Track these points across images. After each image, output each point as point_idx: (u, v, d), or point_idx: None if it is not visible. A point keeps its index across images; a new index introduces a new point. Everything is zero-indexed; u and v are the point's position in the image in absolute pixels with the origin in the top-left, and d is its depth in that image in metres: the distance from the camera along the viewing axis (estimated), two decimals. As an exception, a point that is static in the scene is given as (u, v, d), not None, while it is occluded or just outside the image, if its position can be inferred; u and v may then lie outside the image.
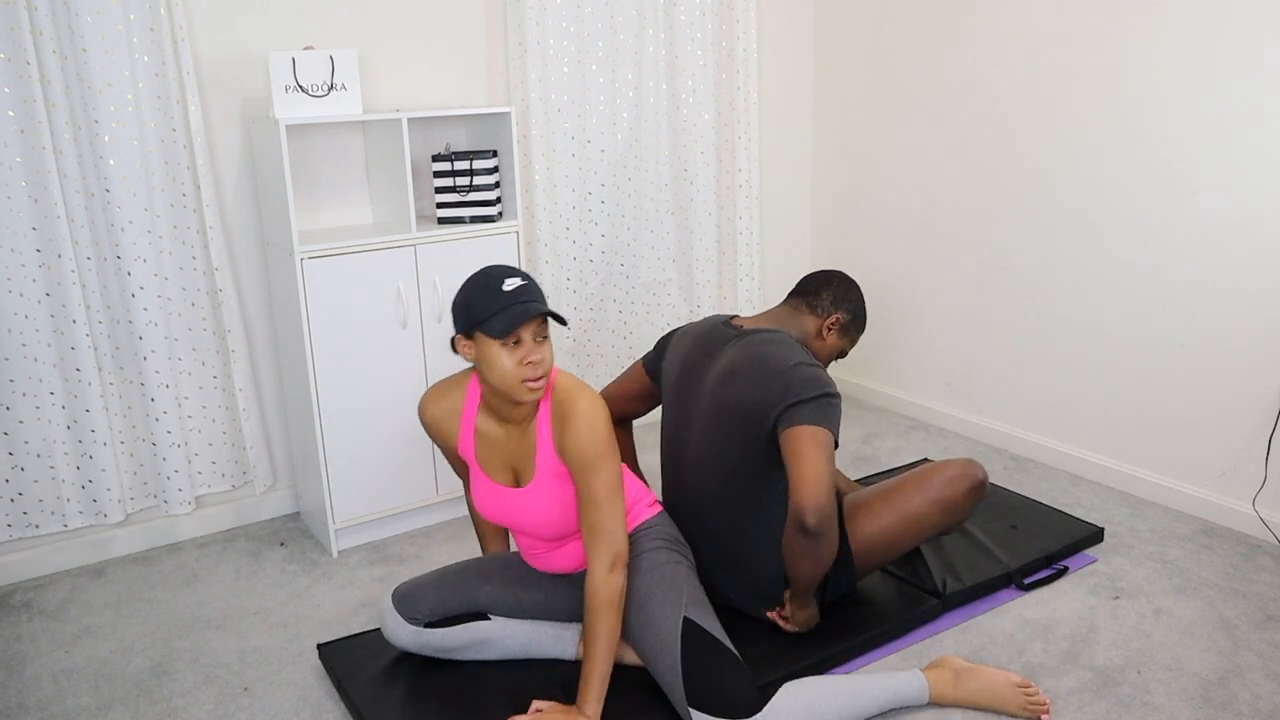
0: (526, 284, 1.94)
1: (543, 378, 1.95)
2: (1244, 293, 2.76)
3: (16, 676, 2.37)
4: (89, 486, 2.79)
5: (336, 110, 2.75)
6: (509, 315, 1.89)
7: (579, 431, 1.96)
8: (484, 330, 1.91)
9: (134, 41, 2.64)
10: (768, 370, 2.18)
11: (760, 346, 2.25)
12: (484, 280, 1.95)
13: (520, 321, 1.89)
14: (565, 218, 3.42)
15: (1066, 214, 3.18)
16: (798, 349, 2.25)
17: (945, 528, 2.41)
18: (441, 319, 2.94)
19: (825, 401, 2.13)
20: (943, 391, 3.74)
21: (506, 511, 2.13)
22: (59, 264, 2.62)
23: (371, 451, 2.91)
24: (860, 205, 3.92)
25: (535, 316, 1.91)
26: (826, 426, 2.10)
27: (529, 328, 1.92)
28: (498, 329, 1.89)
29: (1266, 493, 2.80)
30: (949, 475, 2.38)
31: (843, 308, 2.43)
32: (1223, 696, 2.14)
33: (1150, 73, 2.88)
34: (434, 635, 2.19)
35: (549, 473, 2.05)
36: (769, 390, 2.15)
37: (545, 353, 1.95)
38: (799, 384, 2.13)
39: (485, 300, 1.91)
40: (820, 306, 2.42)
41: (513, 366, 1.92)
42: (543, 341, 1.95)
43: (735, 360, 2.25)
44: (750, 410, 2.17)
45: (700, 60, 3.57)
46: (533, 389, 1.94)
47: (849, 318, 2.44)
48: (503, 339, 1.90)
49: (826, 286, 2.44)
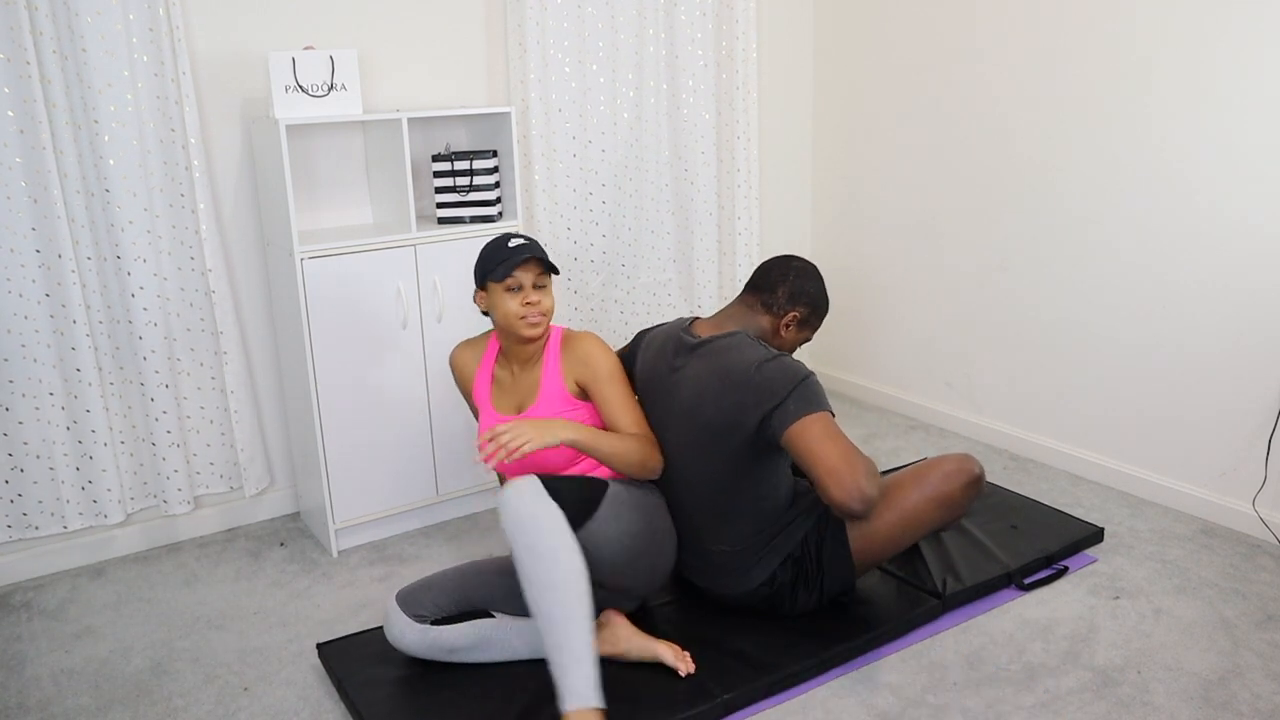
0: (528, 242, 2.27)
1: (542, 318, 2.25)
2: (1244, 293, 2.76)
3: (16, 676, 2.37)
4: (89, 487, 2.79)
5: (336, 110, 2.75)
6: (507, 264, 2.23)
7: (591, 352, 2.27)
8: (491, 278, 2.25)
9: (134, 42, 2.64)
10: (732, 380, 2.15)
11: (719, 357, 2.20)
12: (495, 242, 2.30)
13: (518, 263, 2.22)
14: (566, 218, 3.42)
15: (1066, 214, 3.18)
16: (756, 346, 2.20)
17: (943, 523, 2.41)
18: (441, 319, 2.94)
19: (803, 388, 2.10)
20: (943, 391, 3.74)
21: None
22: (59, 264, 2.62)
23: (371, 451, 2.91)
24: (860, 205, 3.92)
25: (530, 260, 2.23)
26: (818, 410, 2.08)
27: (529, 275, 2.24)
28: (500, 274, 2.23)
29: (1266, 493, 2.80)
30: (945, 471, 2.38)
31: (800, 303, 2.34)
32: (1223, 696, 2.14)
33: (1151, 72, 2.88)
34: (441, 633, 2.20)
35: (550, 397, 2.28)
36: (740, 401, 2.13)
37: (544, 297, 2.26)
38: (769, 384, 2.11)
39: (494, 255, 2.26)
40: (775, 305, 2.33)
41: (515, 306, 2.24)
42: (541, 289, 2.27)
43: (700, 377, 2.21)
44: (726, 426, 2.16)
45: (700, 60, 3.57)
46: (531, 324, 2.24)
47: (807, 311, 2.35)
48: (504, 283, 2.23)
49: (782, 281, 2.34)
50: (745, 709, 2.15)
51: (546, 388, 2.28)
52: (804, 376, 2.12)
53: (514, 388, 2.34)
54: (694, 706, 2.09)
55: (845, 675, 2.25)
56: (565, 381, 2.28)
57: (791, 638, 2.31)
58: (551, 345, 2.32)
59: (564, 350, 2.31)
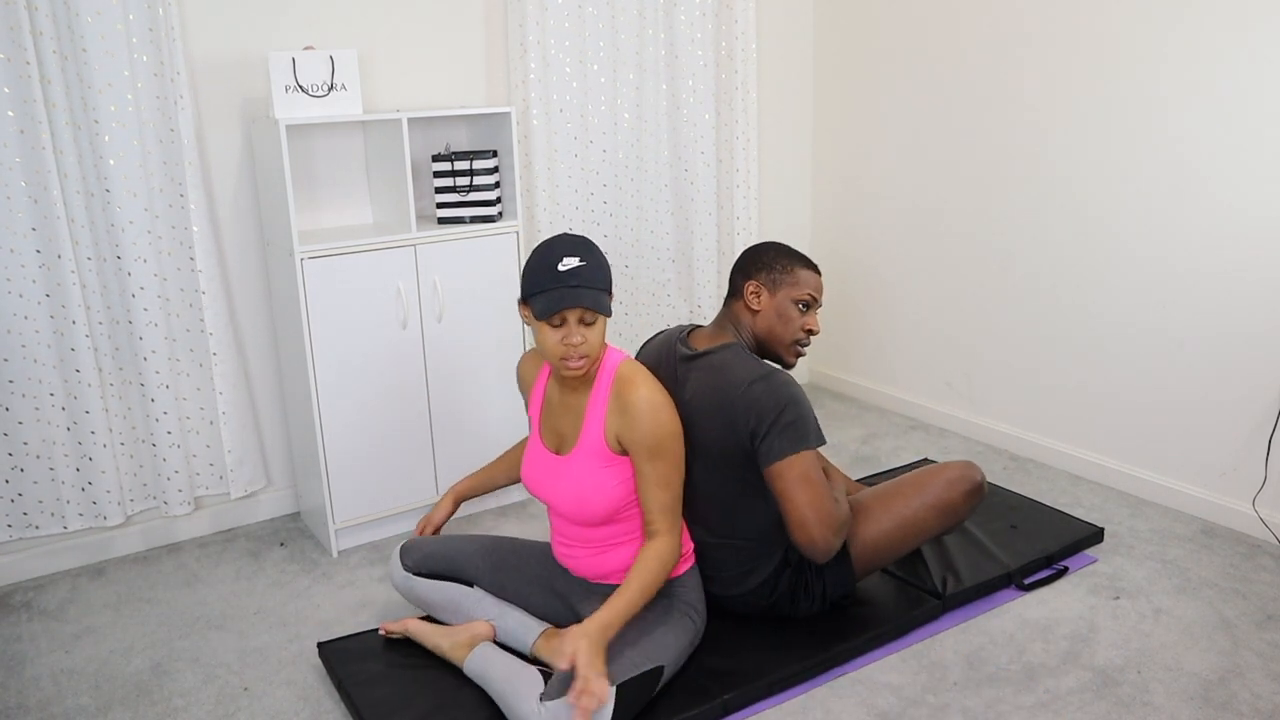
0: (583, 265, 1.96)
1: (583, 360, 1.99)
2: (1244, 292, 2.76)
3: (16, 676, 2.37)
4: (89, 488, 2.79)
5: (336, 110, 2.75)
6: (549, 299, 1.94)
7: (641, 418, 2.01)
8: (530, 306, 1.99)
9: (134, 42, 2.64)
10: (724, 398, 2.14)
11: (713, 375, 2.19)
12: (545, 253, 1.98)
13: (558, 309, 1.93)
14: (566, 218, 3.42)
15: (1066, 214, 3.18)
16: (747, 362, 2.18)
17: (943, 530, 2.42)
18: (441, 319, 2.94)
19: (787, 416, 2.09)
20: (943, 391, 3.74)
21: (544, 480, 2.20)
22: (59, 264, 2.62)
23: (371, 451, 2.91)
24: (860, 205, 3.92)
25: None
26: (802, 449, 2.09)
27: (575, 311, 1.95)
28: (539, 309, 1.96)
29: (1266, 493, 2.80)
30: (948, 478, 2.38)
31: (755, 272, 2.28)
32: (1223, 696, 2.14)
33: (1151, 72, 2.88)
34: (418, 584, 2.34)
35: (589, 449, 2.09)
36: (732, 420, 2.13)
37: (590, 335, 1.98)
38: (756, 407, 2.09)
39: (538, 276, 1.97)
40: (735, 290, 2.31)
41: (554, 344, 1.98)
42: (590, 324, 1.98)
43: (696, 393, 2.20)
44: (722, 444, 2.17)
45: (700, 60, 3.57)
46: (571, 367, 1.99)
47: (765, 272, 2.28)
48: (544, 320, 1.96)
49: (739, 270, 2.32)
50: (745, 709, 2.15)
51: (586, 436, 2.09)
52: (788, 402, 2.10)
53: (560, 413, 2.17)
54: (694, 706, 2.09)
55: (845, 675, 2.25)
56: (607, 434, 2.08)
57: (791, 638, 2.31)
58: (603, 379, 2.09)
59: (614, 393, 2.06)
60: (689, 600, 2.20)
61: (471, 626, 2.24)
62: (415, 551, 2.38)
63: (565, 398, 2.15)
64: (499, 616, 2.27)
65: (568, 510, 2.15)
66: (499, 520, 3.11)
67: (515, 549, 2.39)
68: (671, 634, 2.12)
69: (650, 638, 2.08)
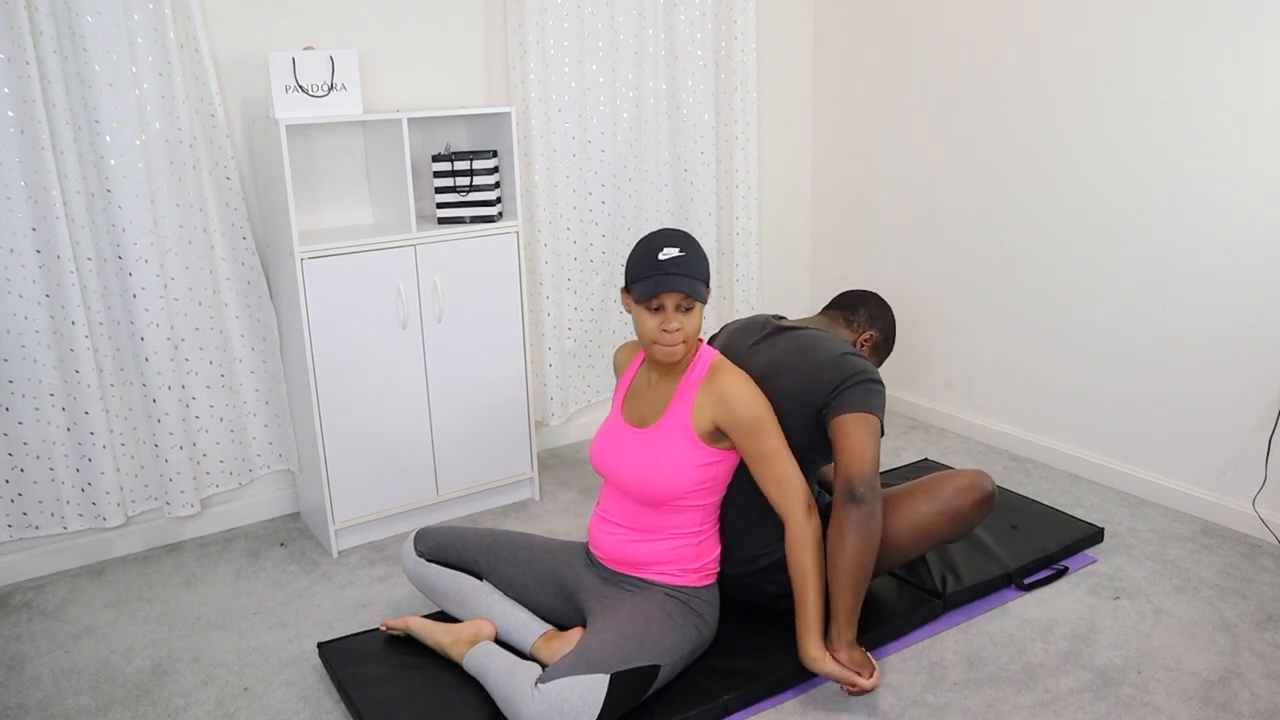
0: (683, 255, 2.11)
1: (680, 345, 2.12)
2: (1244, 293, 2.76)
3: (16, 676, 2.37)
4: (88, 489, 2.79)
5: (336, 110, 2.75)
6: (648, 285, 2.09)
7: (735, 398, 2.12)
8: (630, 292, 2.15)
9: (135, 42, 2.64)
10: (817, 358, 2.25)
11: (809, 339, 2.31)
12: (648, 244, 2.14)
13: (656, 293, 2.07)
14: (566, 218, 3.42)
15: (1067, 215, 3.18)
16: (846, 344, 2.31)
17: (952, 537, 2.40)
18: (442, 319, 2.94)
19: (871, 388, 2.20)
20: (943, 391, 3.74)
21: (614, 450, 2.25)
22: (58, 265, 2.62)
23: (371, 451, 2.91)
24: (860, 206, 3.92)
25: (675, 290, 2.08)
26: (873, 412, 2.17)
27: (673, 296, 2.09)
28: (639, 294, 2.11)
29: (1266, 493, 2.80)
30: (959, 486, 2.38)
31: (877, 326, 2.51)
32: (1223, 696, 2.14)
33: (1151, 72, 2.88)
34: (427, 570, 2.38)
35: (672, 425, 2.17)
36: (818, 377, 2.22)
37: (687, 322, 2.12)
38: (848, 371, 2.21)
39: (640, 265, 2.12)
40: (856, 322, 2.50)
41: (651, 328, 2.12)
42: (687, 311, 2.12)
43: (783, 350, 2.30)
44: (798, 399, 2.22)
45: (700, 60, 3.57)
46: (666, 349, 2.12)
47: (881, 338, 2.52)
48: (643, 305, 2.11)
49: (863, 305, 2.52)
50: (745, 709, 2.15)
51: (672, 415, 2.17)
52: (875, 376, 2.24)
53: (647, 397, 2.25)
54: (694, 706, 2.09)
55: (845, 675, 2.25)
56: (695, 418, 2.15)
57: (792, 637, 2.30)
58: (696, 368, 2.20)
59: (706, 381, 2.16)
60: (701, 612, 2.21)
61: (473, 624, 2.25)
62: (428, 539, 2.41)
63: (656, 383, 2.24)
64: (502, 615, 2.27)
65: (630, 481, 2.19)
66: (499, 520, 3.11)
67: (527, 544, 2.40)
68: (674, 638, 2.12)
69: (653, 637, 2.09)
